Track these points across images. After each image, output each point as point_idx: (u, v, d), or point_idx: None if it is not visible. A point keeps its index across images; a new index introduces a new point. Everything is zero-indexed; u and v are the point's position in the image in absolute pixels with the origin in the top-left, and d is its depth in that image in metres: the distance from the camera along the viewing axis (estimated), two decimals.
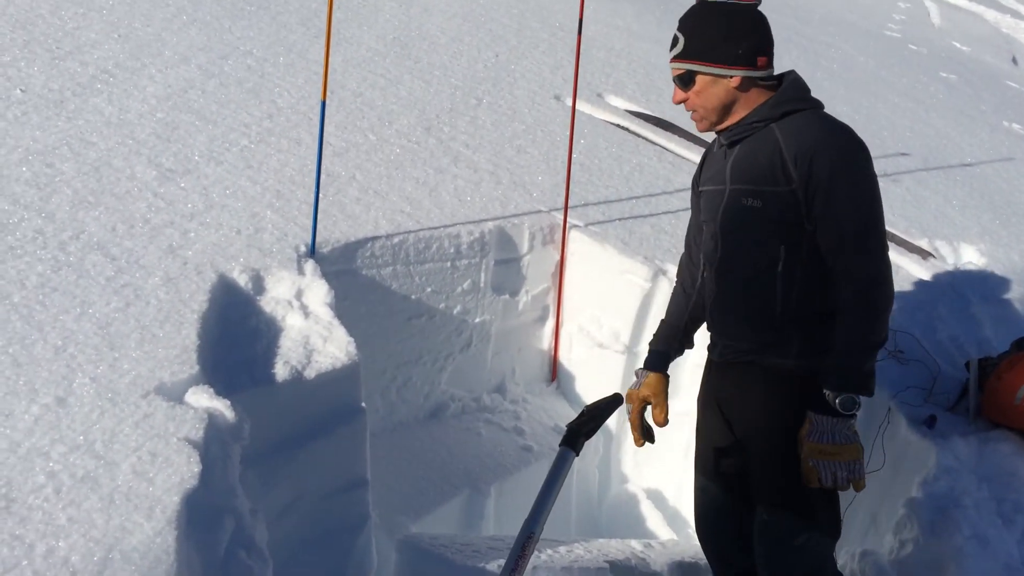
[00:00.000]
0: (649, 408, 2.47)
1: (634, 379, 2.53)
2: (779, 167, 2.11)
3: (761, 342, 2.24)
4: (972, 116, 8.28)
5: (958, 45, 13.51)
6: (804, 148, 2.08)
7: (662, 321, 2.56)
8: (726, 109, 2.20)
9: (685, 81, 2.19)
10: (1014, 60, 13.75)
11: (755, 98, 2.18)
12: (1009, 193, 5.98)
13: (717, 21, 2.15)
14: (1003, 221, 5.30)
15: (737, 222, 2.22)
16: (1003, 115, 8.72)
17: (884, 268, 2.11)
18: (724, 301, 2.32)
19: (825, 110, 2.22)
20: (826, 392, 2.10)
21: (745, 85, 2.16)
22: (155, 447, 2.02)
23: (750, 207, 2.17)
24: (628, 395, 2.47)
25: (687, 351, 2.56)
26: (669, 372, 2.50)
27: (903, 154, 6.09)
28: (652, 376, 2.47)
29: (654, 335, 2.56)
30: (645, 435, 2.46)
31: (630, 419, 2.49)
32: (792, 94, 2.18)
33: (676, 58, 2.19)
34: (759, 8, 2.20)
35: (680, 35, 2.18)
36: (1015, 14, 19.20)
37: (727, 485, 2.42)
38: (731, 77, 2.15)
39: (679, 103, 2.25)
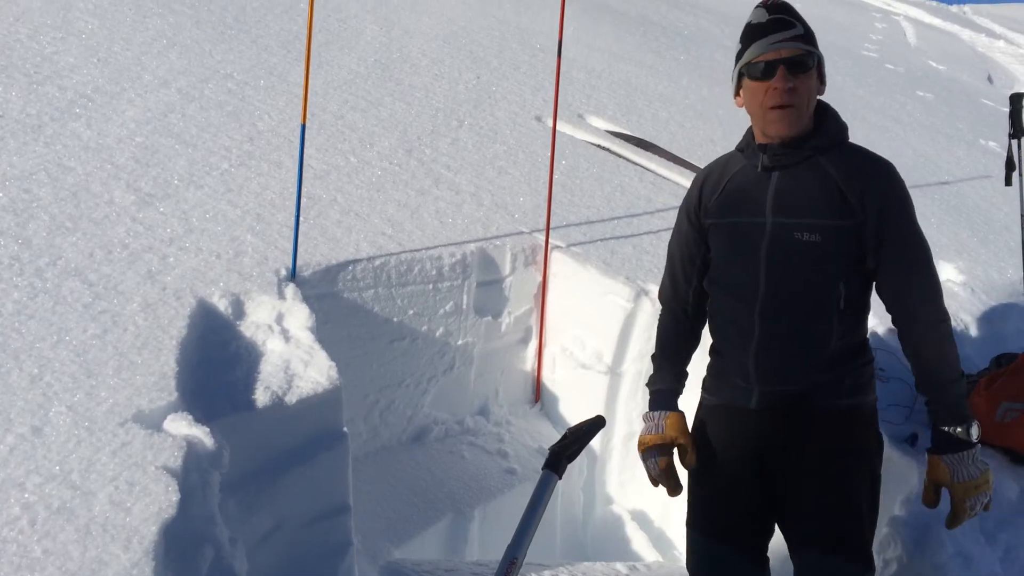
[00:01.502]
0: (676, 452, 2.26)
1: (644, 424, 2.28)
2: (838, 200, 2.02)
3: (813, 383, 2.13)
4: (949, 134, 8.39)
5: (934, 64, 13.71)
6: (870, 184, 2.03)
7: (657, 357, 2.35)
8: (812, 114, 2.10)
9: (805, 66, 2.03)
10: (989, 79, 13.97)
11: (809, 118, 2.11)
12: (986, 211, 6.04)
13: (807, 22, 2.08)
14: (981, 239, 5.35)
15: (789, 258, 2.08)
16: (979, 133, 8.84)
17: (944, 302, 2.11)
18: (773, 342, 2.14)
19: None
20: (948, 429, 2.05)
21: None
22: (132, 476, 1.99)
23: (806, 242, 2.04)
24: (646, 441, 2.24)
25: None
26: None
27: None
28: (673, 416, 2.25)
29: (654, 373, 2.35)
30: (677, 483, 2.25)
31: (660, 469, 2.22)
32: (838, 125, 2.14)
33: (796, 38, 2.03)
34: None
35: (789, 18, 2.04)
36: (990, 33, 19.52)
37: (748, 543, 2.22)
38: (823, 84, 2.10)
39: (788, 88, 2.00)
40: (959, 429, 2.04)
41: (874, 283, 2.15)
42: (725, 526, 2.21)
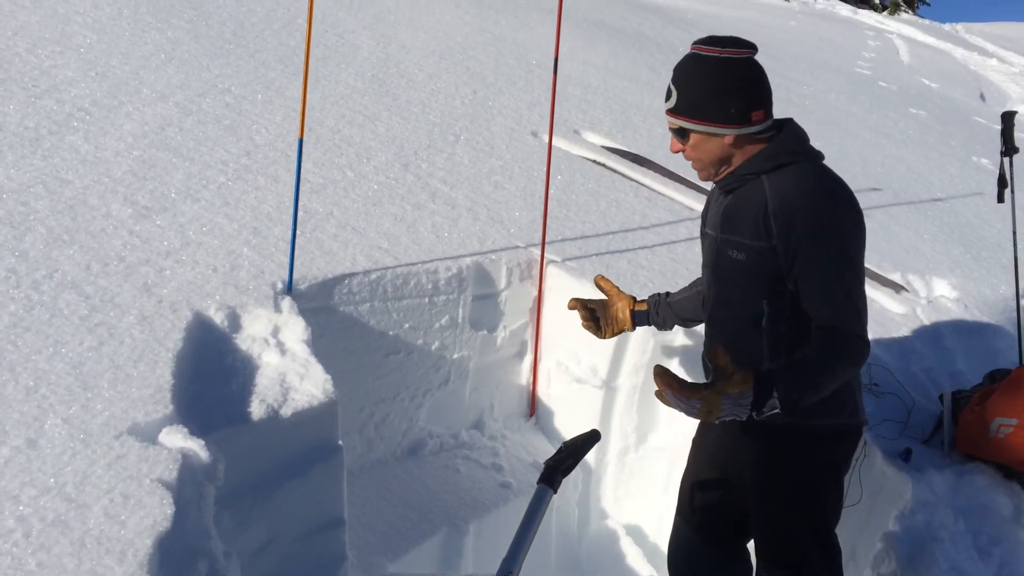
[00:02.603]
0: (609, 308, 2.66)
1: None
2: (761, 222, 2.07)
3: None
4: (942, 151, 8.44)
5: (927, 82, 13.80)
6: (785, 206, 2.03)
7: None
8: (723, 162, 2.16)
9: (680, 135, 2.17)
10: (982, 96, 14.07)
11: (752, 149, 2.14)
12: (979, 227, 6.08)
13: (710, 77, 2.08)
14: (973, 255, 5.38)
15: (724, 273, 2.21)
16: (972, 150, 8.90)
17: (859, 331, 2.03)
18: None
19: (823, 160, 2.17)
20: (776, 385, 1.88)
21: (740, 142, 2.11)
22: (128, 489, 1.99)
23: (734, 259, 2.15)
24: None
25: (666, 331, 2.66)
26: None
27: (875, 189, 6.19)
28: (625, 298, 2.66)
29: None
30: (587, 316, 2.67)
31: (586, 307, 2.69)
32: (786, 146, 2.12)
33: (669, 112, 2.16)
34: (754, 58, 2.13)
35: (673, 88, 2.13)
36: (983, 52, 19.68)
37: (713, 533, 2.45)
38: (724, 136, 2.10)
39: (676, 152, 2.22)
40: (774, 395, 1.87)
41: None
42: (695, 514, 2.50)
